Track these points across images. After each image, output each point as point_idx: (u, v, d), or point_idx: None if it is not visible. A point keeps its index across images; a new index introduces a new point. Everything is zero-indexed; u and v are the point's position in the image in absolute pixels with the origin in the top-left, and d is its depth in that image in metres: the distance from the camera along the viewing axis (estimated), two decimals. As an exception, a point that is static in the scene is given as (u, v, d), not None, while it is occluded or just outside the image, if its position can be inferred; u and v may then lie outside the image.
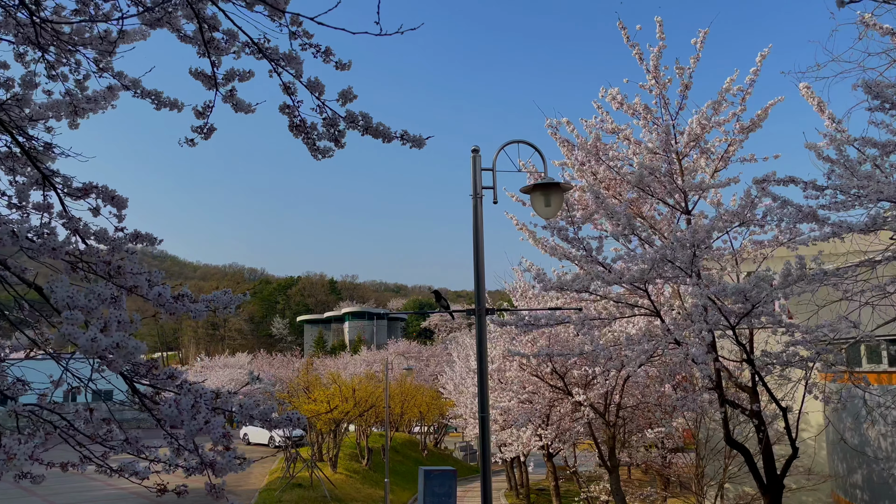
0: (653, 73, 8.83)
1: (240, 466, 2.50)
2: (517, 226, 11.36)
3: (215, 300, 4.07)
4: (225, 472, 2.49)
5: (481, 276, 6.27)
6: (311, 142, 3.73)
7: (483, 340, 6.18)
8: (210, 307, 4.12)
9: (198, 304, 3.18)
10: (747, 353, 8.68)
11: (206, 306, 4.01)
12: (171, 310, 3.04)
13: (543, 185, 6.35)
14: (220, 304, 4.20)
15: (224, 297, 4.14)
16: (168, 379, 2.69)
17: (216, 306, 4.23)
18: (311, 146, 3.75)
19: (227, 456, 2.48)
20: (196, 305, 3.20)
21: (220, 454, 2.49)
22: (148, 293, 3.04)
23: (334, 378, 29.30)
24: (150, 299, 3.06)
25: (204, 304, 3.90)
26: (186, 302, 3.10)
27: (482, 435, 6.02)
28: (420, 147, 3.44)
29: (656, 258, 7.80)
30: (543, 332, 15.33)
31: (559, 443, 17.86)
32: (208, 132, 4.18)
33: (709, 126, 8.82)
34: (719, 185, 8.88)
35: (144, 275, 3.10)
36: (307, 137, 3.71)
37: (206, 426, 2.47)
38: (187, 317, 14.12)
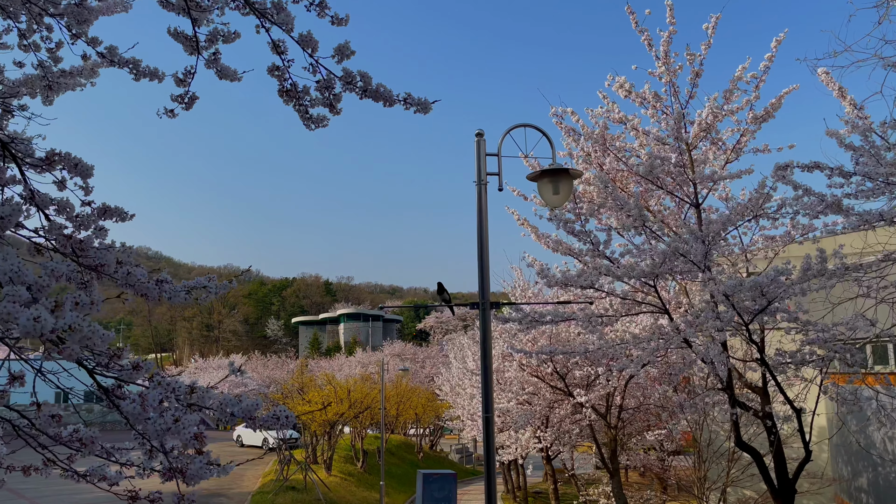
0: (662, 60, 8.46)
1: (213, 473, 2.11)
2: (518, 221, 10.98)
3: (197, 286, 3.71)
4: (197, 480, 2.10)
5: (485, 267, 5.88)
6: (304, 109, 3.35)
7: (487, 335, 5.79)
8: (191, 294, 3.74)
9: (176, 287, 2.80)
10: (761, 352, 8.31)
11: (185, 291, 3.65)
12: (141, 290, 2.65)
13: (552, 171, 5.96)
14: (202, 290, 3.83)
15: (207, 282, 3.78)
16: (133, 370, 2.29)
17: (198, 293, 3.86)
18: (304, 114, 3.37)
19: (198, 462, 2.08)
20: (175, 288, 2.82)
21: (191, 459, 2.10)
22: (116, 272, 2.64)
23: (329, 379, 28.88)
24: (117, 280, 2.67)
25: (183, 289, 3.55)
26: (166, 286, 2.72)
27: (486, 436, 5.63)
28: (426, 112, 3.06)
29: (668, 252, 7.43)
30: (544, 332, 14.95)
31: (559, 445, 17.48)
32: (190, 101, 3.79)
33: (721, 115, 8.45)
34: (732, 177, 8.51)
35: (113, 252, 2.71)
36: (299, 104, 3.33)
37: (176, 425, 2.07)
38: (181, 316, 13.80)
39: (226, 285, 4.02)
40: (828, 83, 7.06)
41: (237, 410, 2.58)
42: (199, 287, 3.51)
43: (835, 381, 8.14)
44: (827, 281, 6.90)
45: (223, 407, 2.55)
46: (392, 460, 34.41)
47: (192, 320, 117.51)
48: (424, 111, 3.07)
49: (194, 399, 2.50)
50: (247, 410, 2.59)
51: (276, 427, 2.76)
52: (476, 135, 5.97)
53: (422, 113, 3.06)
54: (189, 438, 2.08)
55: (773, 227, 9.87)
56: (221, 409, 2.56)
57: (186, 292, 3.09)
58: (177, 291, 2.78)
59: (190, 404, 2.52)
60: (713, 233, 6.91)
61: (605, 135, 8.95)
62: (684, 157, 8.32)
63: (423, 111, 3.07)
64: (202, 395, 2.49)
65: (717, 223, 6.93)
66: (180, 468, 2.09)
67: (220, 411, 2.55)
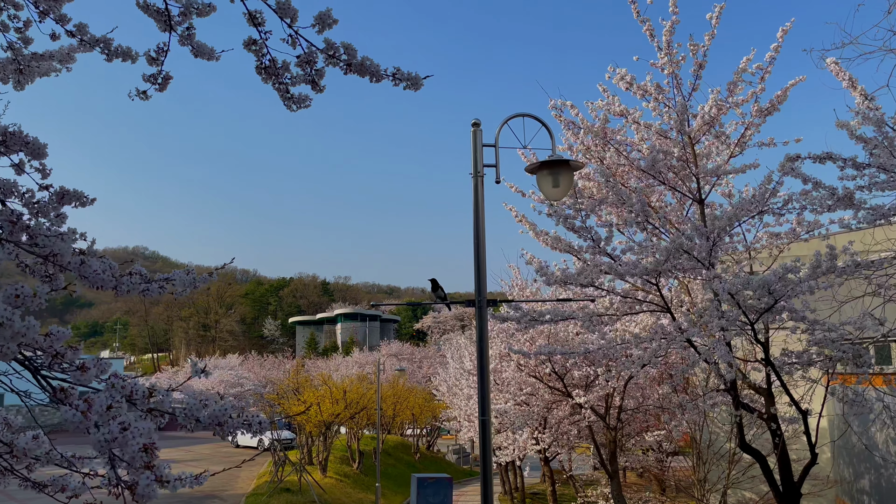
0: (665, 50, 8.20)
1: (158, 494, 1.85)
2: (516, 217, 10.72)
3: (174, 280, 3.46)
4: (148, 499, 1.83)
5: (482, 264, 5.61)
6: (284, 88, 3.08)
7: (484, 335, 5.53)
8: (166, 287, 3.48)
9: (135, 279, 2.53)
10: (766, 352, 8.05)
11: (160, 286, 3.39)
12: (96, 282, 2.39)
13: (551, 163, 5.70)
14: (180, 284, 3.58)
15: (185, 276, 3.53)
16: (79, 371, 2.03)
17: (174, 287, 3.60)
18: (284, 93, 3.10)
19: (145, 478, 1.81)
20: (133, 280, 2.55)
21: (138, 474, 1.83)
22: (69, 262, 2.38)
23: (325, 379, 28.58)
24: (71, 269, 2.40)
25: (143, 281, 3.27)
26: (124, 278, 2.45)
27: (483, 440, 5.37)
28: (416, 88, 2.80)
29: (671, 249, 7.17)
30: (542, 332, 14.69)
31: (557, 447, 17.22)
32: (163, 82, 3.52)
33: (725, 108, 8.20)
34: (736, 171, 8.26)
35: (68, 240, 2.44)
36: (278, 82, 3.06)
37: (123, 435, 1.81)
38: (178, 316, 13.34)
39: (205, 279, 3.77)
40: (837, 73, 6.81)
41: (204, 416, 2.32)
42: (161, 280, 3.25)
43: (843, 382, 7.88)
44: (836, 278, 6.66)
45: (188, 412, 2.28)
46: (388, 461, 34.13)
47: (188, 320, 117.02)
48: (415, 87, 2.80)
49: (154, 403, 2.23)
50: (215, 416, 2.32)
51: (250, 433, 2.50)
52: (472, 125, 5.71)
53: (412, 89, 2.79)
54: (136, 451, 1.81)
55: (777, 223, 9.63)
56: (186, 414, 2.29)
57: (147, 283, 2.82)
58: (135, 284, 2.51)
59: (149, 409, 2.25)
60: (719, 228, 6.65)
61: (605, 128, 8.69)
62: (687, 150, 8.07)
63: (414, 87, 2.80)
64: (163, 398, 2.22)
65: (723, 218, 6.68)
66: (129, 484, 1.82)
67: (185, 417, 2.28)
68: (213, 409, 2.30)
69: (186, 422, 2.28)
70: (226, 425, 2.31)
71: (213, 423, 2.31)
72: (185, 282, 3.61)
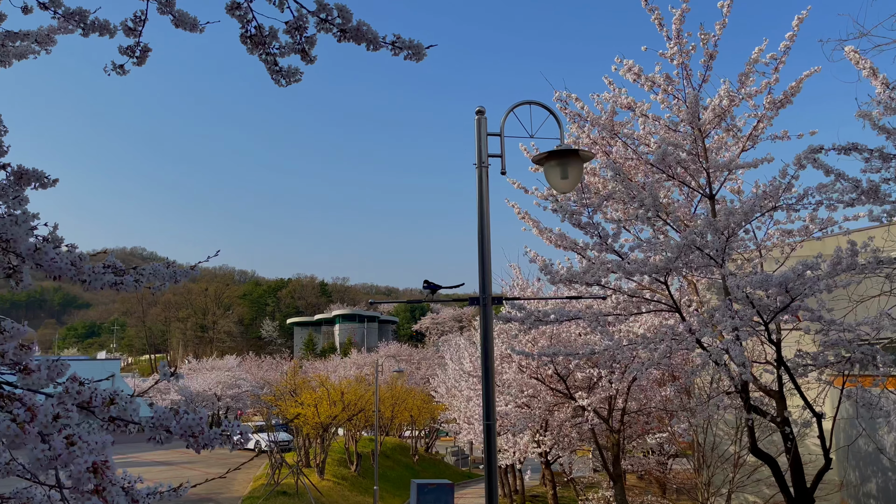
0: (675, 40, 7.90)
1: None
2: (519, 215, 10.43)
3: (150, 273, 3.16)
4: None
5: (487, 258, 5.30)
6: (272, 59, 2.77)
7: (489, 334, 5.22)
8: (142, 281, 3.17)
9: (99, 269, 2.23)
10: (779, 353, 7.75)
11: (135, 279, 3.08)
12: (53, 271, 2.08)
13: (560, 153, 5.39)
14: (158, 277, 3.27)
15: (164, 269, 3.23)
16: (22, 372, 1.71)
17: (151, 281, 3.30)
18: (272, 66, 2.79)
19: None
20: (97, 270, 2.25)
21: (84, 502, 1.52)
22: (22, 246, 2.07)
23: (322, 381, 28.24)
24: (24, 255, 2.09)
25: (108, 272, 2.96)
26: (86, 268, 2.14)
27: (487, 445, 5.06)
28: (419, 58, 2.50)
29: (682, 246, 6.87)
30: (544, 332, 14.38)
31: (558, 449, 16.90)
32: (142, 55, 3.22)
33: (738, 99, 7.89)
34: (748, 165, 7.95)
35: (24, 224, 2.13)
36: (265, 52, 2.75)
37: (69, 452, 1.50)
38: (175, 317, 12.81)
39: (186, 272, 3.47)
40: (857, 62, 6.51)
41: (175, 426, 2.01)
42: (137, 273, 2.95)
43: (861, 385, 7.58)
44: (856, 276, 6.37)
45: (157, 422, 1.97)
46: (387, 463, 33.78)
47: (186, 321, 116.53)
48: (417, 57, 2.50)
49: (116, 411, 1.92)
50: (188, 427, 2.01)
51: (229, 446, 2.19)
52: (476, 113, 5.40)
53: (414, 60, 2.49)
54: (82, 471, 1.50)
55: (788, 220, 9.34)
56: (154, 424, 1.98)
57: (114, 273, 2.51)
58: (98, 275, 2.20)
59: (111, 419, 1.94)
60: (734, 223, 6.35)
61: (612, 121, 8.39)
62: (698, 144, 7.77)
63: (416, 57, 2.50)
64: (126, 406, 1.91)
65: (739, 213, 6.37)
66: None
67: (153, 428, 1.97)
68: (187, 419, 1.99)
69: (155, 433, 1.97)
70: (200, 437, 2.00)
71: (186, 434, 2.00)
72: (162, 275, 3.31)
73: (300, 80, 2.78)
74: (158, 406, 1.97)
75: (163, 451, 35.43)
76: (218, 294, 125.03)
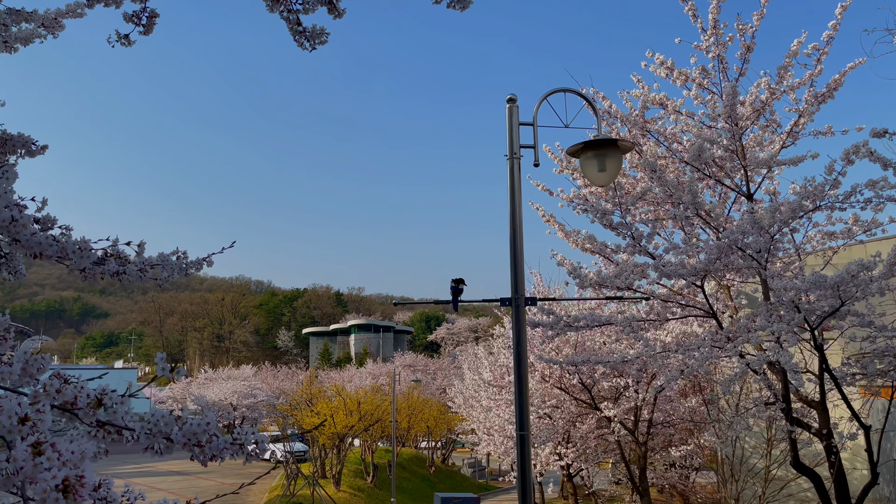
0: (711, 30, 7.52)
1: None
2: (543, 217, 10.06)
3: (160, 262, 2.86)
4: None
5: (519, 256, 4.94)
6: (295, 17, 2.45)
7: (522, 337, 4.85)
8: (147, 272, 2.86)
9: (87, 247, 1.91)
10: (824, 361, 7.30)
11: (139, 268, 2.77)
12: (33, 247, 1.75)
13: (597, 143, 5.03)
14: (167, 269, 2.97)
15: (172, 260, 2.93)
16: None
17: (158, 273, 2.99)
18: (295, 25, 2.47)
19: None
20: (85, 248, 1.93)
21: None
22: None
23: (338, 390, 27.90)
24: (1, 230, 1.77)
25: (137, 267, 2.68)
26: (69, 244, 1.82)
27: (521, 457, 4.68)
28: (463, 7, 2.16)
29: (723, 246, 6.46)
30: (568, 341, 13.96)
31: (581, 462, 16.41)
32: (148, 22, 2.91)
33: (779, 92, 7.49)
34: (791, 162, 7.53)
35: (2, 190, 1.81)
36: (287, 9, 2.43)
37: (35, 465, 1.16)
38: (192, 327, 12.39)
39: (198, 262, 3.16)
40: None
41: (177, 434, 1.66)
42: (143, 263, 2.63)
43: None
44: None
45: (154, 428, 1.63)
46: (403, 474, 33.32)
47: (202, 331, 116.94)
48: (462, 5, 2.16)
49: (105, 415, 1.58)
50: (192, 434, 1.67)
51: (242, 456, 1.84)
52: (507, 101, 5.07)
53: (458, 8, 2.15)
54: (50, 489, 1.16)
55: (829, 222, 8.90)
56: (151, 431, 1.64)
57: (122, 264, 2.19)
58: (85, 252, 1.87)
59: (99, 424, 1.60)
60: (780, 221, 5.94)
61: (643, 117, 8.01)
62: (735, 140, 7.37)
63: (461, 5, 2.16)
64: (117, 407, 1.57)
65: (785, 210, 5.97)
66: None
67: (150, 435, 1.63)
68: (191, 425, 1.65)
69: (152, 441, 1.63)
70: (208, 447, 1.65)
71: (191, 443, 1.65)
72: (171, 266, 2.99)
73: (326, 41, 2.45)
74: (157, 408, 1.63)
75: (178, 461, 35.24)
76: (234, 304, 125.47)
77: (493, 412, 18.09)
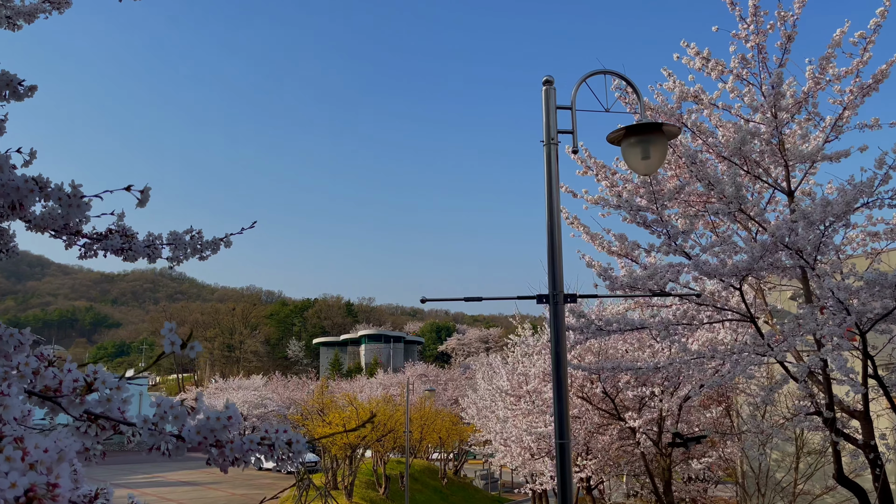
0: (751, 17, 7.14)
1: None
2: (567, 220, 9.69)
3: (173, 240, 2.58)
4: None
5: (557, 249, 4.56)
6: None
7: (561, 337, 4.45)
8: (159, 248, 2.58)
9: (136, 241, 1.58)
10: (874, 367, 6.85)
11: (147, 244, 2.48)
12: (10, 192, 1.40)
13: (640, 128, 4.66)
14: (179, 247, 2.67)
15: (185, 238, 2.65)
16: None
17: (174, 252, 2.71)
18: None
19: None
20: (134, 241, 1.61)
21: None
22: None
23: (350, 399, 27.49)
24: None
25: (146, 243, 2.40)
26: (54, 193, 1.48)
27: (561, 467, 4.29)
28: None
29: (768, 244, 6.06)
30: (590, 349, 13.54)
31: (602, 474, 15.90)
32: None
33: (823, 83, 7.10)
34: (838, 156, 7.11)
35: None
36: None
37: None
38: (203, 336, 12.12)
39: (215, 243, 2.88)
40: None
41: (191, 429, 1.29)
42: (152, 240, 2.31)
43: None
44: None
45: (158, 420, 1.26)
46: (415, 486, 32.79)
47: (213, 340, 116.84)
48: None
49: (97, 405, 1.22)
50: (210, 430, 1.30)
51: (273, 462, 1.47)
52: (544, 83, 4.70)
53: None
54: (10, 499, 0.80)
55: (869, 223, 8.49)
56: (156, 424, 1.27)
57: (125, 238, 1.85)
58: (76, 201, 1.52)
59: (90, 417, 1.23)
60: (836, 214, 5.54)
61: (679, 109, 7.63)
62: (778, 131, 6.97)
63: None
64: (112, 394, 1.20)
65: (841, 200, 5.56)
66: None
67: (153, 433, 1.26)
68: (208, 419, 1.28)
69: (158, 440, 1.26)
70: (230, 446, 1.29)
71: (207, 441, 1.29)
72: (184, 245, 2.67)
73: None
74: (163, 397, 1.27)
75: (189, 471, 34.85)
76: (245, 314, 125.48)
77: (511, 422, 17.63)
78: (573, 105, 4.70)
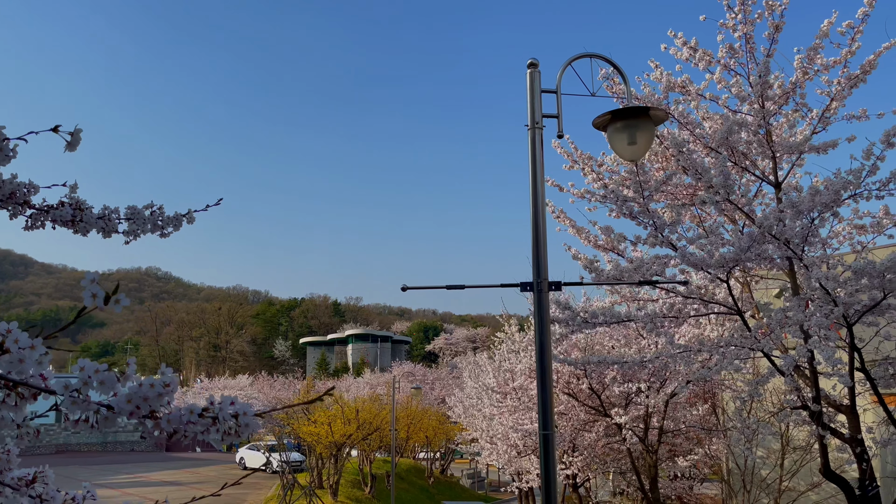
0: (739, 6, 7.07)
1: None
2: (553, 213, 9.59)
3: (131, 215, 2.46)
4: None
5: (542, 236, 4.45)
6: None
7: (545, 327, 4.34)
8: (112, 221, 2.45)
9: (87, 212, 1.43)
10: (861, 361, 6.79)
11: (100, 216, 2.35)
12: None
13: (627, 113, 4.55)
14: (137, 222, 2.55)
15: (144, 212, 2.53)
16: None
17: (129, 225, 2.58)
18: None
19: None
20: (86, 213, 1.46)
21: None
22: None
23: (336, 398, 27.28)
24: None
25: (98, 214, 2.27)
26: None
27: (545, 459, 4.17)
28: None
29: (755, 235, 5.98)
30: (575, 345, 13.46)
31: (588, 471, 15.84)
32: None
33: (812, 73, 7.03)
34: (824, 147, 7.05)
35: None
36: None
37: None
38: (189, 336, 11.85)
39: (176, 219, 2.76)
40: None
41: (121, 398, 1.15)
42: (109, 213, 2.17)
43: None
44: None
45: (81, 386, 1.12)
46: (401, 485, 32.63)
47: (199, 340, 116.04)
48: None
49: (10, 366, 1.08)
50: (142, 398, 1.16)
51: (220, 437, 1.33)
52: (528, 66, 4.58)
53: None
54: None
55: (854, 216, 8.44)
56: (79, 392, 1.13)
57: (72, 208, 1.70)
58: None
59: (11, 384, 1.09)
60: (824, 203, 5.46)
61: (666, 98, 7.55)
62: (766, 121, 6.90)
63: None
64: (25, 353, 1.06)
65: (830, 190, 5.49)
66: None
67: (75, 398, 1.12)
68: (139, 386, 1.14)
69: (81, 409, 1.12)
70: (167, 416, 1.15)
71: (140, 413, 1.14)
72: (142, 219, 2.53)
73: None
74: (87, 361, 1.12)
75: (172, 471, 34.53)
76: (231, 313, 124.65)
77: (497, 420, 17.53)
78: (558, 89, 4.59)
